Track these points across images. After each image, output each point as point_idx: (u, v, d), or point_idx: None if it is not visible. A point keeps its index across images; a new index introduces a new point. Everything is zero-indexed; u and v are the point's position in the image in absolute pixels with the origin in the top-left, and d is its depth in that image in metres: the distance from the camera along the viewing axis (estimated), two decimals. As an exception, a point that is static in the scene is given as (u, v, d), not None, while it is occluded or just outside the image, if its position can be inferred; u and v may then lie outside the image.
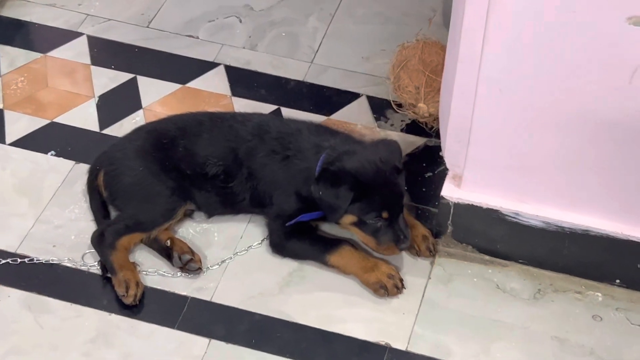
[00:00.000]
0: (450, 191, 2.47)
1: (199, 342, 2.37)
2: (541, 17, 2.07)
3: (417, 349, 2.36)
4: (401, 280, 2.46)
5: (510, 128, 2.29)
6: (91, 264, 2.50)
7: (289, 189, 2.49)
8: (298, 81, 3.01)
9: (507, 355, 2.35)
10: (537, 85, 2.18)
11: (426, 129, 2.85)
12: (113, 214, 2.59)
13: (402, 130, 2.86)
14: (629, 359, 2.35)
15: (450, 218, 2.50)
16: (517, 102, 2.23)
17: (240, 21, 3.20)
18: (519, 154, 2.33)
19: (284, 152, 2.49)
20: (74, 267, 2.50)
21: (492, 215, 2.45)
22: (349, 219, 2.42)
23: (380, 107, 2.93)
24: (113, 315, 2.42)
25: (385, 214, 2.39)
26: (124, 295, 2.41)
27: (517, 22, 2.09)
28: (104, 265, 2.48)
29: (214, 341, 2.37)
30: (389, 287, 2.44)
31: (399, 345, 2.37)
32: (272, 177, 2.50)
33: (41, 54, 3.07)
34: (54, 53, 3.08)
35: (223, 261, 2.53)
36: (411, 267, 2.52)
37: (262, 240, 2.57)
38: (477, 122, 2.31)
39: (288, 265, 2.53)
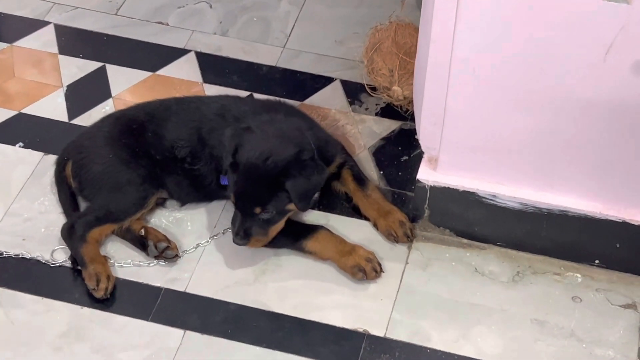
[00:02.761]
0: (426, 174, 2.44)
1: (173, 334, 2.33)
2: (514, -6, 2.04)
3: (395, 335, 2.33)
4: (379, 263, 2.43)
5: (485, 108, 2.26)
6: (61, 260, 2.45)
7: None
8: (270, 66, 2.97)
9: (487, 339, 2.33)
10: (510, 64, 2.15)
11: (401, 112, 2.81)
12: (83, 205, 2.55)
13: (376, 114, 2.83)
14: (609, 339, 2.33)
15: (427, 202, 2.47)
16: (490, 81, 2.20)
17: (211, 7, 3.16)
18: (494, 134, 2.30)
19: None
20: (44, 261, 2.45)
21: (469, 198, 2.42)
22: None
23: (354, 91, 2.89)
24: (85, 308, 2.38)
25: (233, 198, 2.36)
26: (94, 289, 2.37)
27: (490, 1, 2.06)
28: (75, 258, 2.43)
29: (189, 332, 2.34)
30: (367, 270, 2.41)
31: (377, 331, 2.34)
32: None
33: (7, 44, 3.02)
34: (21, 43, 3.03)
35: (198, 245, 2.49)
36: (388, 252, 2.49)
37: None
38: (451, 103, 2.27)
39: (263, 253, 2.49)
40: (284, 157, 2.32)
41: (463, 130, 2.32)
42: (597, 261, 2.45)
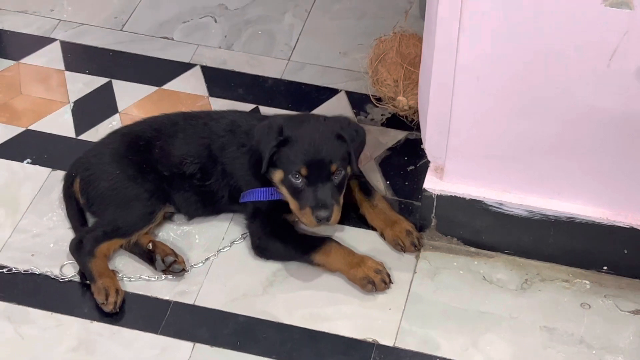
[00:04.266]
0: (432, 183, 2.45)
1: (183, 347, 2.33)
2: (516, 3, 2.04)
3: (404, 344, 2.33)
4: (388, 274, 2.43)
5: (490, 116, 2.26)
6: (70, 275, 2.46)
7: (258, 183, 2.46)
8: (276, 79, 2.98)
9: (496, 347, 2.32)
10: (514, 71, 2.16)
11: (406, 122, 2.82)
12: (91, 220, 2.55)
13: (382, 125, 2.84)
14: (619, 345, 2.32)
15: (434, 211, 2.47)
16: (495, 89, 2.20)
17: (215, 21, 3.17)
18: (500, 142, 2.30)
19: (250, 143, 2.46)
20: (53, 276, 2.46)
21: (476, 206, 2.42)
22: (277, 175, 2.39)
23: (359, 102, 2.90)
24: (94, 323, 2.38)
25: (303, 170, 2.34)
26: (103, 303, 2.37)
27: (493, 8, 2.07)
28: (83, 273, 2.44)
29: (198, 345, 2.34)
30: (376, 282, 2.41)
31: (387, 341, 2.34)
32: (241, 171, 2.47)
33: (14, 62, 3.03)
34: (27, 60, 3.04)
35: (207, 259, 2.50)
36: (396, 262, 2.49)
37: (244, 235, 2.54)
38: (456, 111, 2.28)
39: (271, 264, 2.50)
40: (336, 118, 2.44)
41: (469, 139, 2.33)
42: (605, 267, 2.44)
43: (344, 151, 2.38)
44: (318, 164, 2.34)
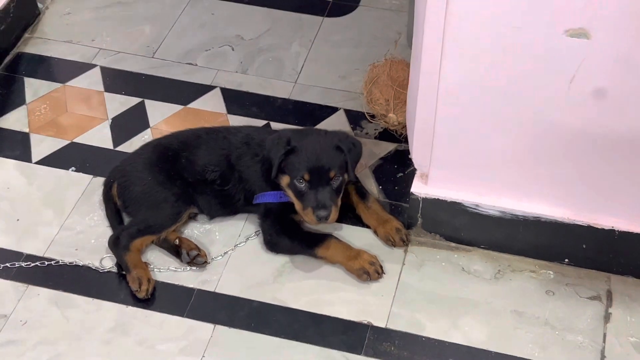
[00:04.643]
0: (418, 188, 2.44)
1: (205, 328, 2.33)
2: (490, 34, 2.05)
3: (395, 326, 2.33)
4: (381, 266, 2.43)
5: (468, 130, 2.26)
6: (109, 266, 2.45)
7: (268, 187, 2.45)
8: (284, 99, 2.97)
9: (473, 327, 2.32)
10: (489, 92, 2.16)
11: (396, 135, 2.82)
12: (126, 220, 2.55)
13: (375, 138, 2.83)
14: (579, 327, 2.31)
15: (420, 211, 2.47)
16: (472, 107, 2.20)
17: (233, 49, 3.17)
18: (476, 153, 2.30)
19: (262, 153, 2.46)
20: (94, 267, 2.46)
21: (456, 207, 2.42)
22: (285, 180, 2.38)
23: (356, 119, 2.89)
24: (129, 307, 2.38)
25: (306, 176, 2.33)
26: (137, 291, 2.37)
27: (470, 39, 2.07)
28: (120, 265, 2.44)
29: (218, 326, 2.33)
30: (371, 272, 2.40)
31: (380, 323, 2.33)
32: (255, 177, 2.47)
33: (61, 84, 3.03)
34: (72, 83, 3.04)
35: (225, 252, 2.49)
36: (387, 256, 2.49)
37: (257, 232, 2.54)
38: (438, 126, 2.28)
39: (280, 257, 2.49)
40: (336, 132, 2.44)
41: (449, 150, 2.32)
42: (566, 260, 2.44)
43: (342, 160, 2.38)
44: (319, 171, 2.34)
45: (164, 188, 2.48)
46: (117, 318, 2.36)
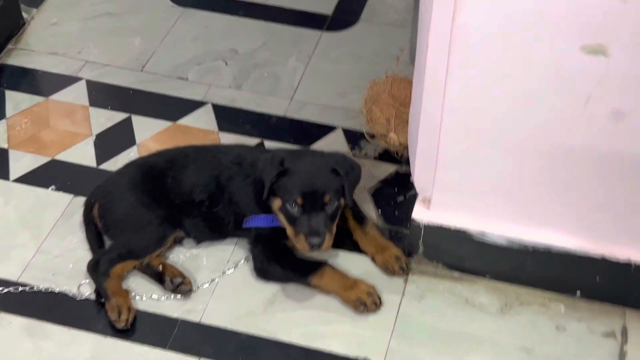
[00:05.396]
0: (420, 214, 2.30)
1: (189, 362, 2.19)
2: (500, 49, 1.92)
3: (393, 362, 2.18)
4: (379, 297, 2.29)
5: (474, 154, 2.13)
6: (87, 293, 2.31)
7: (260, 210, 2.32)
8: (279, 117, 2.85)
9: (478, 366, 2.17)
10: (497, 113, 2.03)
11: (397, 157, 2.68)
12: (108, 243, 2.41)
13: (375, 159, 2.70)
14: (591, 366, 2.17)
15: (422, 238, 2.33)
16: (479, 128, 2.07)
17: (226, 64, 3.04)
18: (483, 177, 2.17)
19: (254, 174, 2.32)
20: (71, 294, 2.32)
21: (460, 235, 2.28)
22: (276, 203, 2.25)
23: (354, 138, 2.76)
24: (108, 338, 2.24)
25: (299, 200, 2.20)
26: (116, 320, 2.23)
27: (478, 55, 1.94)
28: (99, 292, 2.29)
29: (203, 360, 2.19)
30: (368, 303, 2.26)
31: (377, 359, 2.19)
32: (246, 199, 2.34)
33: (44, 98, 2.91)
34: (56, 96, 2.91)
35: (212, 280, 2.35)
36: (386, 285, 2.34)
37: (247, 258, 2.40)
38: (442, 148, 2.14)
39: (271, 286, 2.35)
40: (333, 154, 2.31)
41: (454, 173, 2.19)
42: (578, 292, 2.30)
43: (338, 184, 2.24)
44: (312, 195, 2.20)
45: (148, 210, 2.34)
46: (94, 350, 2.21)
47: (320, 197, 2.20)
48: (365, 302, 2.27)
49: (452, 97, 2.01)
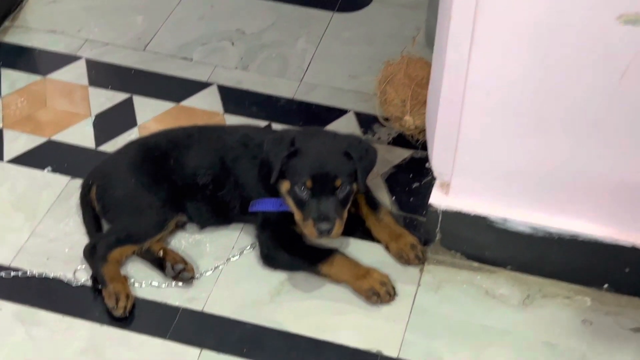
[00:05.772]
0: (438, 199, 2.17)
1: (190, 352, 2.06)
2: (530, 18, 1.79)
3: (408, 355, 2.05)
4: (393, 287, 2.17)
5: (498, 132, 2.00)
6: (83, 279, 2.19)
7: (267, 194, 2.19)
8: (288, 99, 2.72)
9: (499, 361, 2.04)
10: (525, 87, 1.89)
11: (412, 141, 2.56)
12: (106, 227, 2.29)
13: (388, 144, 2.57)
14: (620, 363, 2.04)
15: (439, 226, 2.20)
16: (504, 105, 1.94)
17: (233, 44, 2.92)
18: (507, 159, 2.04)
19: (261, 156, 2.20)
20: (66, 280, 2.19)
21: (480, 222, 2.15)
22: (284, 185, 2.13)
23: (367, 122, 2.64)
24: (104, 326, 2.11)
25: (309, 183, 2.07)
26: (113, 308, 2.10)
27: (505, 24, 1.81)
28: (95, 278, 2.17)
29: (205, 351, 2.06)
30: (381, 293, 2.13)
31: (391, 352, 2.06)
32: (252, 182, 2.21)
33: (41, 77, 2.78)
34: (54, 75, 2.79)
35: (216, 267, 2.23)
36: (401, 275, 2.22)
37: (253, 244, 2.28)
38: (464, 128, 2.01)
39: (279, 274, 2.23)
40: (347, 136, 2.18)
41: (476, 155, 2.06)
42: (606, 285, 2.17)
43: (351, 168, 2.12)
44: (323, 178, 2.08)
45: (148, 192, 2.22)
46: (89, 338, 2.09)
47: (331, 180, 2.08)
48: (378, 292, 2.14)
49: (476, 69, 1.89)
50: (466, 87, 1.93)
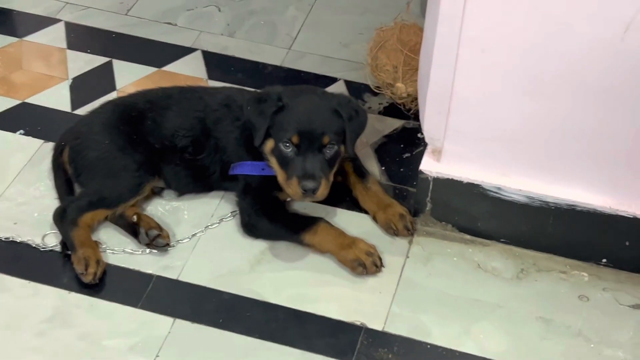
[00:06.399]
0: (429, 165, 2.08)
1: (162, 322, 1.96)
2: (528, -34, 1.69)
3: (394, 329, 1.95)
4: (380, 258, 2.06)
5: (494, 94, 1.90)
6: (51, 245, 2.08)
7: (250, 158, 2.09)
8: (275, 66, 2.62)
9: (490, 335, 1.94)
10: (521, 43, 1.80)
11: (404, 110, 2.46)
12: (78, 191, 2.18)
13: (379, 113, 2.47)
14: (619, 340, 1.94)
15: (429, 194, 2.10)
16: (500, 63, 1.84)
17: (219, 10, 2.82)
18: (503, 122, 1.94)
19: (244, 118, 2.10)
20: (34, 245, 2.09)
21: (473, 191, 2.05)
22: (269, 144, 2.03)
23: (358, 91, 2.54)
24: (72, 294, 2.01)
25: (295, 138, 1.98)
26: (82, 273, 2.00)
27: (502, -27, 1.71)
28: (65, 243, 2.06)
29: (178, 321, 1.96)
30: (367, 264, 2.03)
31: (376, 325, 1.96)
32: (234, 145, 2.11)
33: (17, 39, 2.68)
34: (31, 38, 2.69)
35: (194, 235, 2.13)
36: (388, 246, 2.12)
37: (234, 213, 2.16)
38: (458, 88, 1.91)
39: (260, 243, 2.13)
40: (336, 94, 2.10)
41: (469, 118, 1.96)
42: (604, 260, 2.07)
43: (339, 127, 2.02)
44: (310, 134, 1.98)
45: (123, 154, 2.12)
46: (56, 306, 1.98)
47: (319, 137, 1.98)
48: (364, 262, 2.04)
49: (471, 23, 1.79)
50: (460, 43, 1.83)
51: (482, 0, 1.76)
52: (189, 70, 2.60)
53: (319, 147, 1.98)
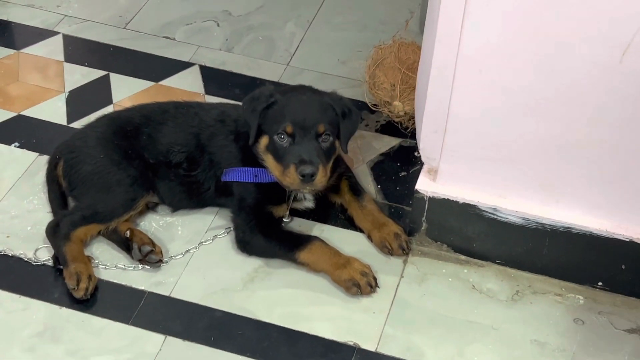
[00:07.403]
0: (425, 185, 2.07)
1: (153, 339, 1.94)
2: (526, -13, 1.69)
3: (387, 350, 1.94)
4: (375, 278, 2.05)
5: (491, 113, 1.89)
6: (44, 259, 2.07)
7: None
8: (273, 82, 2.62)
9: (484, 358, 1.93)
10: (519, 64, 1.79)
11: (401, 129, 2.45)
12: (72, 205, 2.17)
13: (376, 131, 2.47)
14: (614, 364, 1.93)
15: (425, 214, 2.09)
16: (498, 83, 1.84)
17: (218, 25, 2.82)
18: (499, 142, 1.93)
19: (238, 129, 2.11)
20: (26, 259, 2.08)
21: (469, 211, 2.04)
22: (263, 141, 2.03)
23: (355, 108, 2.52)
24: (63, 309, 2.00)
25: (289, 128, 1.98)
26: (74, 289, 1.99)
27: (500, -6, 1.71)
28: (57, 258, 2.05)
29: (169, 338, 1.95)
30: (362, 284, 2.02)
31: (369, 345, 1.95)
32: (229, 160, 2.11)
33: (14, 50, 2.68)
34: (28, 50, 2.69)
35: (187, 251, 2.12)
36: (383, 266, 2.11)
37: (227, 229, 2.16)
38: (454, 107, 1.91)
39: (253, 260, 2.11)
40: (329, 92, 2.11)
41: (466, 138, 1.95)
42: (600, 283, 2.06)
43: (333, 119, 2.03)
44: (304, 123, 1.99)
45: (118, 168, 2.11)
46: (46, 321, 1.97)
47: (313, 125, 1.99)
48: (358, 283, 2.03)
49: (468, 43, 1.78)
50: (458, 61, 1.83)
51: (480, 20, 1.75)
52: (186, 85, 2.60)
53: (315, 135, 1.99)
